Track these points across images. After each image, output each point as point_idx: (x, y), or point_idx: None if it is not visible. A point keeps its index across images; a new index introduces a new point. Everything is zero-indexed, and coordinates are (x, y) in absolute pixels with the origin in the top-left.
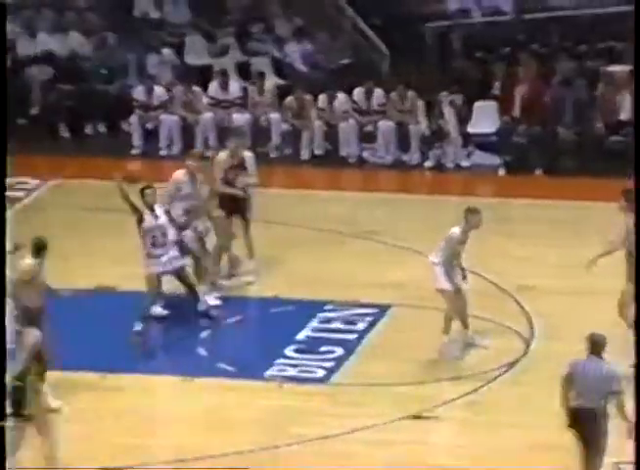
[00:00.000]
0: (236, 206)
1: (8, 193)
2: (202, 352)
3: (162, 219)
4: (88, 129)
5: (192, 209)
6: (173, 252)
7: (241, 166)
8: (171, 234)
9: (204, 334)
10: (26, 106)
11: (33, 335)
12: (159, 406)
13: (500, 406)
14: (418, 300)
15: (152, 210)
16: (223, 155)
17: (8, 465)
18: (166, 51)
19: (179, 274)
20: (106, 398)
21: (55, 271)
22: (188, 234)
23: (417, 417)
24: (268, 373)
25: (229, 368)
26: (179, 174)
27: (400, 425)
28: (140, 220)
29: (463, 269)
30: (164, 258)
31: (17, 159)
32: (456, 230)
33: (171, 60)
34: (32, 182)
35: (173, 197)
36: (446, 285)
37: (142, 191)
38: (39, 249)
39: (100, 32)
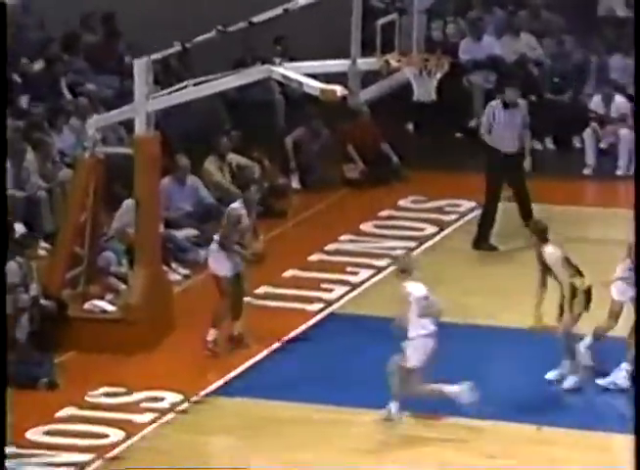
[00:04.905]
0: None
1: (440, 216)
2: None
3: None
4: (535, 145)
5: None
6: None
7: None
8: None
9: None
10: (464, 117)
11: None
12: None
13: None
14: None
15: None
16: None
17: None
18: None
19: None
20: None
21: None
22: None
23: None
24: None
25: None
26: None
27: None
28: None
29: None
30: None
31: (447, 177)
32: None
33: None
34: (466, 204)
35: None
36: None
37: None
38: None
39: (556, 34)
